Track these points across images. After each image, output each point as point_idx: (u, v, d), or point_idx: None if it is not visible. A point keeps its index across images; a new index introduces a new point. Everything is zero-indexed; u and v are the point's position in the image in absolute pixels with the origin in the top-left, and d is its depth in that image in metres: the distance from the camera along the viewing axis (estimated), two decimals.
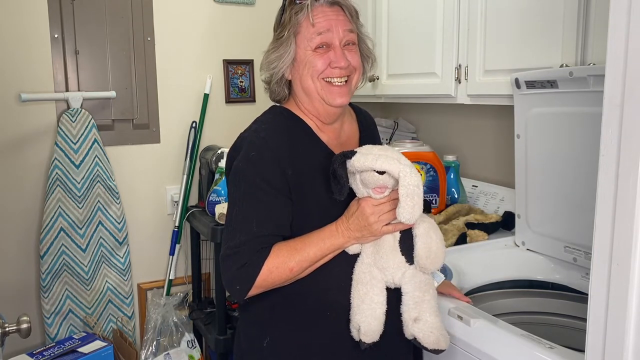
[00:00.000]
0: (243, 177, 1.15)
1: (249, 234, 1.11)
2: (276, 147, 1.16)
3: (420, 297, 1.13)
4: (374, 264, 1.14)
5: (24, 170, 2.15)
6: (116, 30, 2.24)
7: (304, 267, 1.12)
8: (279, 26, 1.26)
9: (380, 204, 1.12)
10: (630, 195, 0.74)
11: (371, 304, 1.12)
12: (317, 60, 1.20)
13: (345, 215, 1.15)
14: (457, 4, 1.71)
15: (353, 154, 1.11)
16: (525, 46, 1.48)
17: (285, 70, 1.23)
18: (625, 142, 0.74)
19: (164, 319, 2.29)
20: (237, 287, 1.12)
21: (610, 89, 0.76)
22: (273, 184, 1.13)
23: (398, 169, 1.06)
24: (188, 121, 2.42)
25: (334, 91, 1.21)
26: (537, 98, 1.46)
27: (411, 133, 2.43)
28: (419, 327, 1.12)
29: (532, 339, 1.10)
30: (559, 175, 1.46)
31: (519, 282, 1.56)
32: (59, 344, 2.02)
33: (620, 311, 0.77)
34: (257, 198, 1.13)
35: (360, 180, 1.11)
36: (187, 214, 2.38)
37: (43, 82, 2.14)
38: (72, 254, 2.16)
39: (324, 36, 1.19)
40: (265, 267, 1.10)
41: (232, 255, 1.12)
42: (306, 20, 1.20)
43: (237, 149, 1.19)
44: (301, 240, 1.14)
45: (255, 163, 1.14)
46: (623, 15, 0.73)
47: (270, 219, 1.13)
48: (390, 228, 1.13)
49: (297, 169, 1.16)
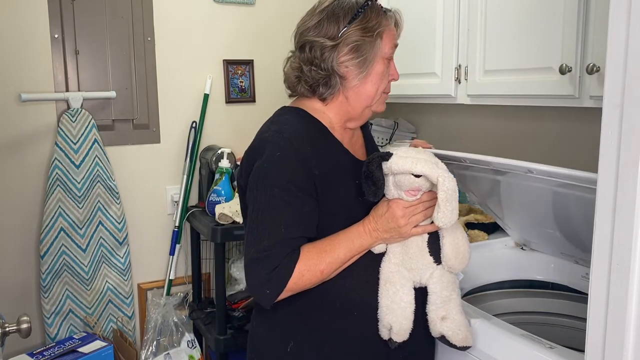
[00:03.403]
0: (268, 178, 1.10)
1: (277, 237, 1.08)
2: (301, 148, 1.12)
3: (448, 296, 1.14)
4: (402, 264, 1.15)
5: (24, 170, 2.15)
6: (116, 30, 2.24)
7: (333, 268, 1.11)
8: (360, 16, 1.16)
9: (412, 206, 1.11)
10: (630, 195, 0.74)
11: (401, 303, 1.12)
12: (391, 71, 1.21)
13: (373, 216, 1.14)
14: (457, 4, 1.71)
15: (390, 155, 1.10)
16: (526, 46, 1.48)
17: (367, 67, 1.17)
18: (625, 142, 0.74)
19: (164, 319, 2.29)
20: (266, 292, 1.09)
21: (610, 89, 0.76)
22: (300, 186, 1.10)
23: (437, 174, 1.06)
24: (188, 121, 2.42)
25: (384, 101, 1.24)
26: None
27: (411, 133, 2.43)
28: (447, 325, 1.14)
29: (532, 339, 1.10)
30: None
31: (519, 282, 1.56)
32: (59, 344, 2.02)
33: (620, 311, 0.77)
34: (284, 200, 1.09)
35: (394, 182, 1.11)
36: (187, 214, 2.38)
37: (43, 82, 2.14)
38: (72, 254, 2.16)
39: (395, 49, 1.21)
40: (296, 270, 1.08)
41: (263, 258, 1.08)
42: (391, 27, 1.19)
43: (259, 150, 1.14)
44: (329, 241, 1.12)
45: (281, 164, 1.10)
46: (623, 15, 0.73)
47: (299, 222, 1.10)
48: (420, 230, 1.13)
49: (323, 169, 1.13)
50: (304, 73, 1.18)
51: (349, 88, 1.19)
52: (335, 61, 1.15)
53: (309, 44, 1.17)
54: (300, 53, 1.19)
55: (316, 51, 1.16)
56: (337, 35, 1.14)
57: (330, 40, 1.14)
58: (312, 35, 1.16)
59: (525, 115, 1.86)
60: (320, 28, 1.16)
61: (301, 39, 1.19)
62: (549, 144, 1.79)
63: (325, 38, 1.15)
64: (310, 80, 1.18)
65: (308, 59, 1.17)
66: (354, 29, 1.14)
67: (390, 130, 2.42)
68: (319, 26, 1.16)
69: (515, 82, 1.52)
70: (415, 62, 1.89)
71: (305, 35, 1.17)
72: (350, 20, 1.14)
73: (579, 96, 1.34)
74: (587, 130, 1.65)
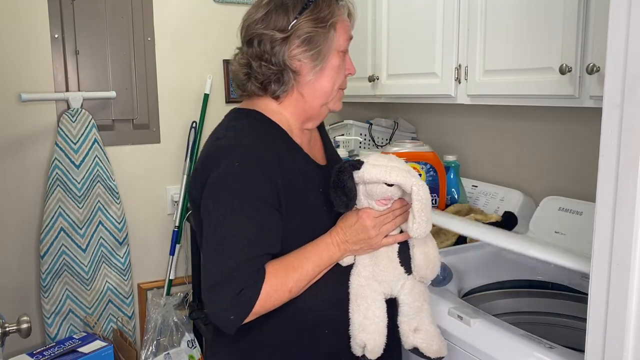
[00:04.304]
0: (227, 191, 1.01)
1: (240, 256, 0.98)
2: (262, 156, 1.03)
3: (419, 307, 1.11)
4: (373, 276, 1.10)
5: (24, 170, 2.15)
6: (116, 30, 2.24)
7: (302, 285, 1.04)
8: (310, 6, 1.08)
9: (382, 216, 1.06)
10: (630, 195, 0.74)
11: (374, 319, 1.07)
12: (347, 65, 1.14)
13: (341, 227, 1.07)
14: (457, 4, 1.71)
15: (361, 164, 1.04)
16: (525, 46, 1.48)
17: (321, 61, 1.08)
18: (625, 142, 0.74)
19: (164, 319, 2.29)
20: (230, 317, 0.99)
21: (610, 89, 0.76)
22: (263, 197, 1.01)
23: (411, 183, 1.01)
24: (188, 121, 2.42)
25: (340, 98, 1.17)
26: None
27: (411, 133, 2.43)
28: (420, 337, 1.10)
29: (532, 339, 1.10)
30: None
31: (519, 282, 1.56)
32: (59, 344, 2.02)
33: (620, 311, 0.77)
34: (246, 214, 0.99)
35: (365, 191, 1.05)
36: (187, 214, 2.38)
37: (43, 82, 2.14)
38: (72, 254, 2.16)
39: (349, 42, 1.13)
40: (263, 291, 0.98)
41: (225, 282, 0.97)
42: (344, 17, 1.11)
43: (215, 160, 1.04)
44: (296, 256, 1.04)
45: (241, 174, 1.01)
46: (623, 15, 0.73)
47: (263, 237, 1.01)
48: (391, 240, 1.09)
49: (286, 178, 1.05)
50: (253, 69, 1.10)
51: (303, 84, 1.11)
52: (287, 54, 1.07)
53: (257, 38, 1.08)
54: (248, 48, 1.11)
55: (265, 45, 1.07)
56: (287, 27, 1.06)
57: (280, 33, 1.06)
58: (260, 27, 1.08)
59: (525, 115, 1.86)
60: (269, 20, 1.08)
61: (248, 33, 1.11)
62: (549, 144, 1.79)
63: (275, 30, 1.07)
64: (261, 76, 1.09)
65: (257, 54, 1.09)
66: (305, 20, 1.07)
67: (390, 130, 2.42)
68: (267, 18, 1.08)
69: (515, 82, 1.52)
70: (415, 62, 1.89)
71: (252, 28, 1.09)
72: (300, 10, 1.07)
73: (579, 96, 1.34)
74: (587, 130, 1.65)
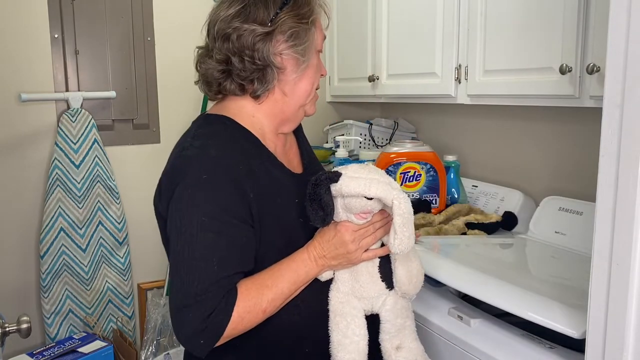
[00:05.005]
0: (194, 206, 0.94)
1: (210, 277, 0.92)
2: (232, 167, 0.97)
3: (402, 323, 1.07)
4: (352, 292, 1.05)
5: (24, 170, 2.15)
6: (116, 30, 2.24)
7: (277, 305, 0.98)
8: (291, 1, 1.04)
9: (361, 229, 1.01)
10: (630, 195, 0.74)
11: (354, 337, 1.02)
12: (321, 65, 1.11)
13: (319, 241, 1.01)
14: (457, 4, 1.71)
15: (338, 176, 0.99)
16: (525, 46, 1.48)
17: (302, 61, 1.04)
18: (625, 142, 0.74)
19: (164, 319, 2.29)
20: (200, 342, 0.92)
21: (610, 89, 0.76)
22: (233, 212, 0.95)
23: (392, 196, 0.96)
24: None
25: (316, 100, 1.14)
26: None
27: (411, 133, 2.43)
28: (403, 355, 1.06)
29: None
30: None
31: None
32: (59, 344, 2.02)
33: (620, 311, 0.77)
34: (215, 231, 0.93)
35: (344, 204, 1.00)
36: None
37: (43, 82, 2.14)
38: (72, 254, 2.16)
39: (323, 42, 1.10)
40: (235, 313, 0.92)
41: (194, 304, 0.91)
42: (321, 16, 1.08)
43: (181, 171, 0.98)
44: (270, 274, 0.98)
45: (209, 187, 0.95)
46: (623, 15, 0.73)
47: (234, 256, 0.95)
48: (371, 254, 1.03)
49: (258, 190, 0.99)
50: (233, 65, 1.03)
51: (286, 82, 1.06)
52: (272, 51, 1.02)
53: (235, 32, 1.01)
54: (224, 44, 1.03)
55: (247, 39, 1.01)
56: (267, 22, 1.01)
57: (262, 27, 1.01)
58: (237, 22, 1.02)
59: (525, 115, 1.86)
60: (247, 14, 1.02)
61: (222, 28, 1.03)
62: (549, 144, 1.79)
63: (255, 24, 1.01)
64: (243, 73, 1.03)
65: (237, 49, 1.02)
66: (287, 15, 1.02)
67: (390, 130, 2.42)
68: (244, 12, 1.02)
69: (515, 82, 1.52)
70: (415, 62, 1.89)
71: (227, 23, 1.03)
72: (281, 5, 1.02)
73: (579, 96, 1.34)
74: (587, 130, 1.65)
